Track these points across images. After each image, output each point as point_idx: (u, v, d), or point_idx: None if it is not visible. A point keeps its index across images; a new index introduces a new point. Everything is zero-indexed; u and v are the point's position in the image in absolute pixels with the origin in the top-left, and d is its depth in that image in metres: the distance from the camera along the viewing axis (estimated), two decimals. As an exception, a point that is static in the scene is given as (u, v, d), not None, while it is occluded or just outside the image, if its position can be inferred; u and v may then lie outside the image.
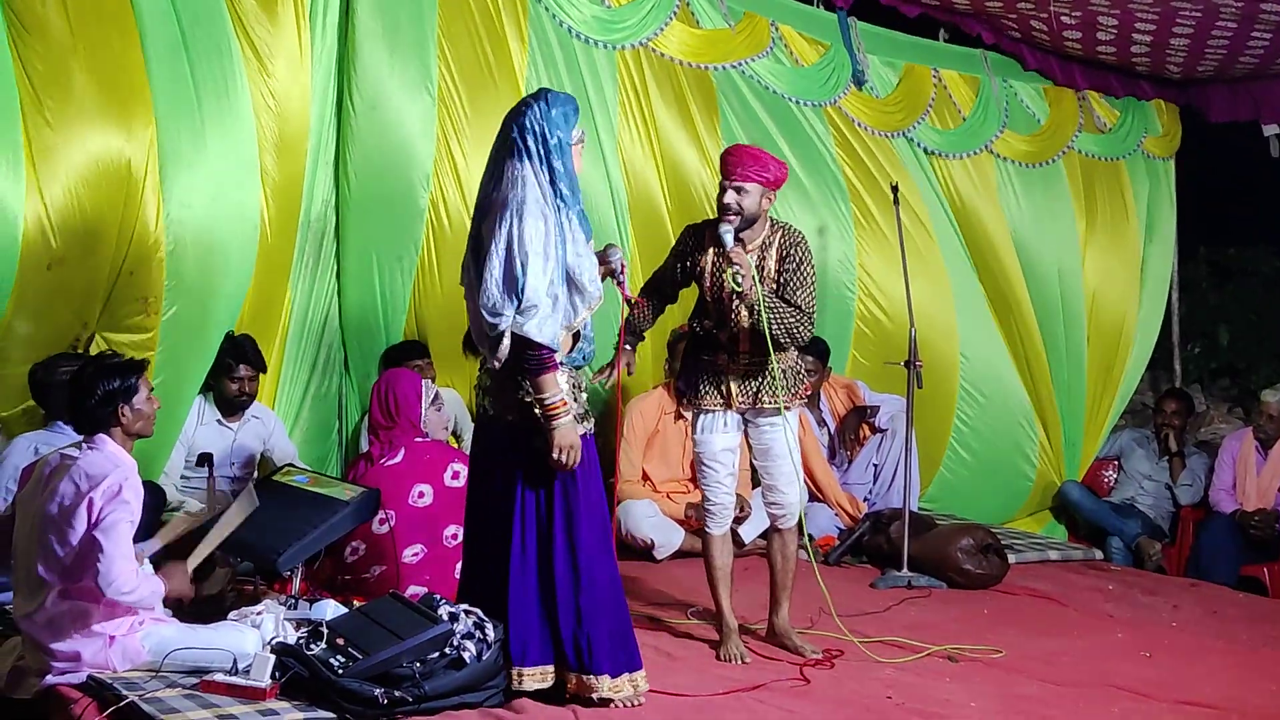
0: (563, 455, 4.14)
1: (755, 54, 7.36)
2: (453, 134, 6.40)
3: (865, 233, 7.66)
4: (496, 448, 4.31)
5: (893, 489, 7.06)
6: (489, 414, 4.34)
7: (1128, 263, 8.74)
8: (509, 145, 4.21)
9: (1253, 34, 7.38)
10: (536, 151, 4.18)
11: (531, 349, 4.09)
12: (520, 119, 4.22)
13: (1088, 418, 8.60)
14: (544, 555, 4.22)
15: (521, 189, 4.12)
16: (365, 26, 6.20)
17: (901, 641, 5.19)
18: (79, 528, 4.06)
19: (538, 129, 4.19)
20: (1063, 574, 6.70)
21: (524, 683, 4.21)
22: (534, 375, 4.12)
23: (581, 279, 4.19)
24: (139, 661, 4.17)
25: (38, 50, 5.27)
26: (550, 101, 4.25)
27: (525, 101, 4.30)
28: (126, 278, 5.50)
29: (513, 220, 4.08)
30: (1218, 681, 4.93)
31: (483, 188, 4.28)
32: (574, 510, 4.23)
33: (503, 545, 4.23)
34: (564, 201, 4.19)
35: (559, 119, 4.23)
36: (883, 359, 7.38)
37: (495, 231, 4.09)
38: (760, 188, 4.89)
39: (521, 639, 4.21)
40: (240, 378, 5.95)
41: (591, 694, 4.19)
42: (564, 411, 4.13)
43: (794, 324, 4.88)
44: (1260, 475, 7.68)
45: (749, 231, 4.92)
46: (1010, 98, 8.32)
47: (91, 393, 4.22)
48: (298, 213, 6.17)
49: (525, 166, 4.16)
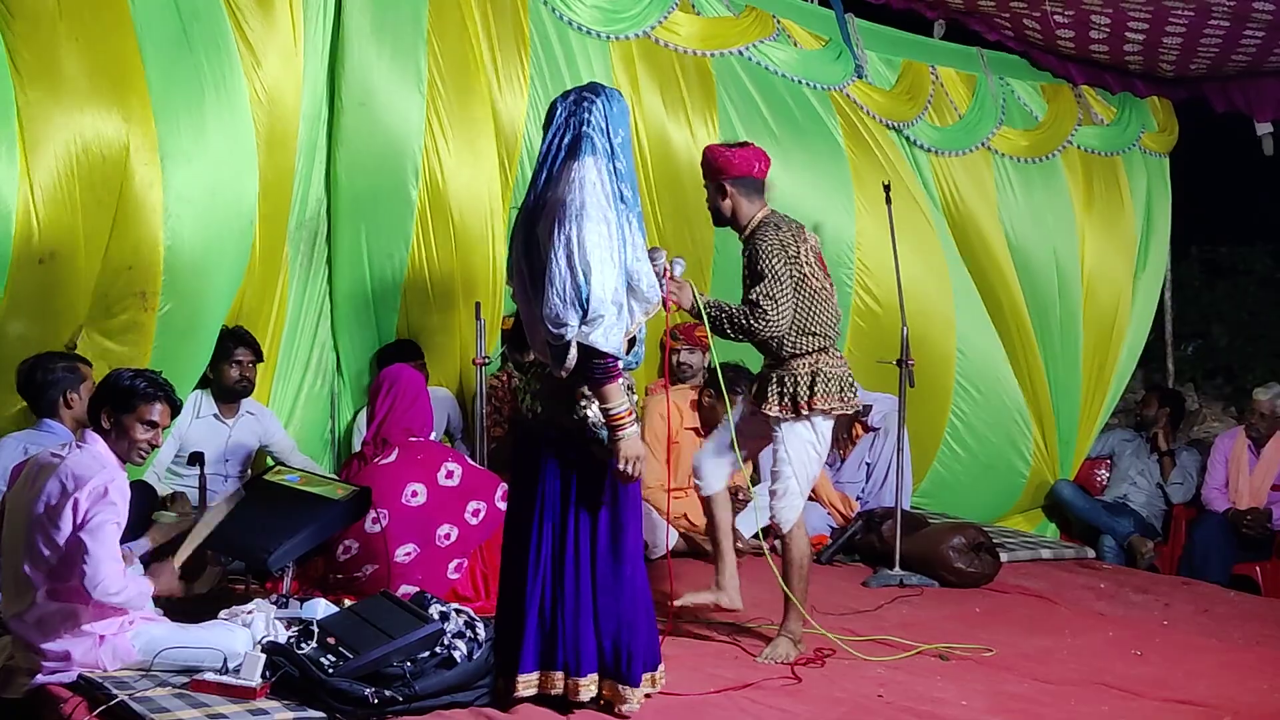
0: (629, 466, 4.04)
1: (763, 37, 7.37)
2: (442, 130, 6.39)
3: (867, 223, 7.56)
4: (545, 453, 4.16)
5: (885, 487, 7.06)
6: (538, 418, 4.19)
7: (1124, 259, 8.74)
8: (574, 143, 4.01)
9: (1245, 33, 7.38)
10: (604, 149, 4.01)
11: (597, 358, 3.95)
12: (584, 114, 4.02)
13: (1081, 415, 8.61)
14: (591, 564, 4.12)
15: (581, 191, 3.93)
16: (356, 22, 6.20)
17: (893, 640, 5.20)
18: (65, 528, 4.05)
19: (604, 125, 4.03)
20: (1055, 572, 6.71)
21: (581, 693, 4.11)
22: (600, 385, 3.99)
23: (640, 284, 4.04)
24: (129, 661, 4.17)
25: (25, 37, 5.21)
26: (610, 97, 4.08)
27: (582, 96, 4.08)
28: (125, 272, 5.46)
29: (573, 225, 3.90)
30: (1209, 680, 4.93)
31: (533, 187, 4.08)
32: (621, 518, 4.15)
33: (548, 552, 4.12)
34: (625, 204, 4.03)
35: (620, 116, 4.08)
36: (878, 355, 7.38)
37: (554, 237, 3.91)
38: (712, 184, 4.93)
39: (576, 648, 4.10)
40: (240, 361, 5.94)
41: (621, 704, 4.13)
42: (630, 421, 4.01)
43: (738, 319, 4.82)
44: (1253, 474, 7.69)
45: (738, 226, 4.96)
46: (1007, 95, 8.33)
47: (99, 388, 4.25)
48: (289, 209, 6.16)
49: (590, 166, 3.98)
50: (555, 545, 4.13)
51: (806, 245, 4.96)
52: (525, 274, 4.07)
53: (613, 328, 3.94)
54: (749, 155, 4.98)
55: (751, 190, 4.96)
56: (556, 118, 4.09)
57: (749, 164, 4.95)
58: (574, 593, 4.12)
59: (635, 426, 4.05)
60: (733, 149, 5.00)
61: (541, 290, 3.96)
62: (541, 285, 3.96)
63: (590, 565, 4.13)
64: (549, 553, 4.13)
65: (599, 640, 4.13)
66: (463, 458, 5.45)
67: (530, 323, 4.10)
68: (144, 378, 4.29)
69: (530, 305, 4.07)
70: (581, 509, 4.13)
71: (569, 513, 4.12)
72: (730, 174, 4.92)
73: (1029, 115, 8.40)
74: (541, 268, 3.98)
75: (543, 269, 3.97)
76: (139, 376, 4.28)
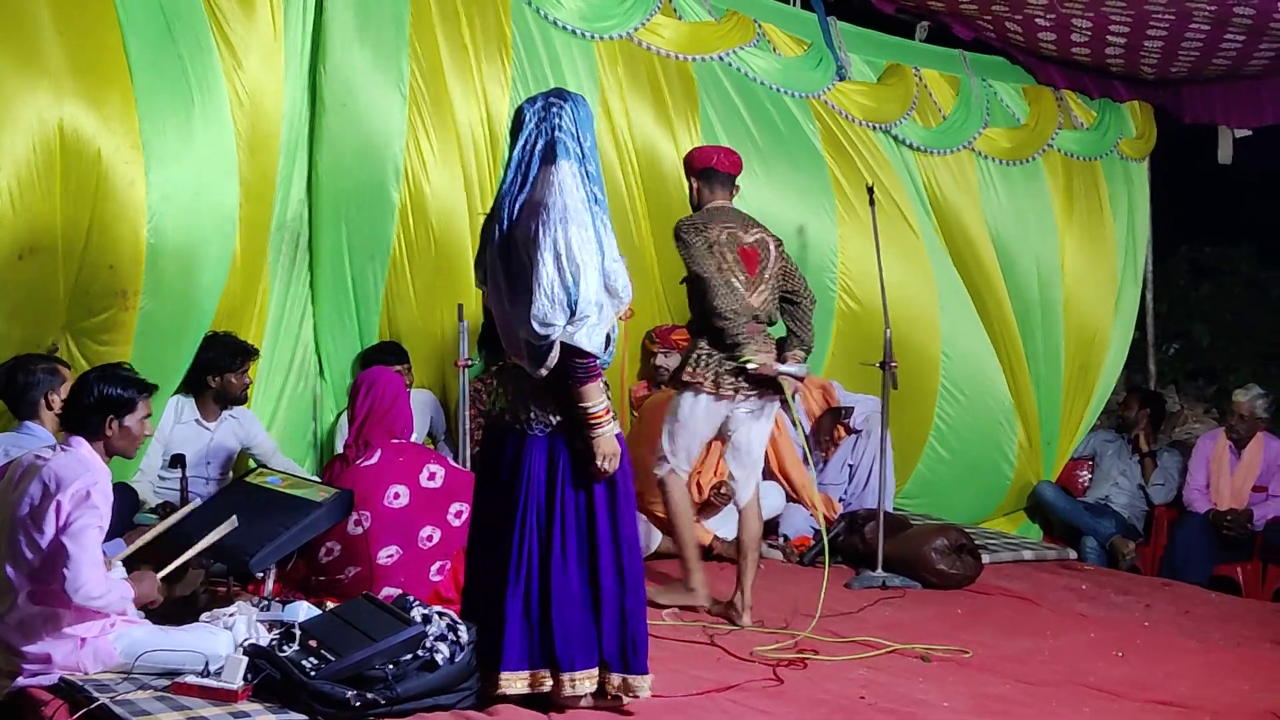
0: (606, 462, 4.08)
1: (743, 44, 7.38)
2: (424, 131, 6.39)
3: (849, 229, 7.61)
4: (517, 453, 4.16)
5: (868, 489, 7.08)
6: (507, 419, 4.21)
7: (1104, 263, 8.80)
8: (548, 147, 4.07)
9: (1225, 37, 7.42)
10: (575, 154, 4.07)
11: (580, 358, 4.00)
12: (554, 119, 4.08)
13: (1063, 417, 8.64)
14: (590, 557, 4.13)
15: (562, 194, 4.00)
16: (338, 22, 6.18)
17: (874, 641, 5.21)
18: (48, 531, 4.03)
19: (574, 130, 4.09)
20: (1036, 574, 6.74)
21: (576, 687, 4.12)
22: (581, 384, 4.03)
23: (616, 284, 4.09)
24: (110, 663, 4.15)
25: (8, 28, 5.17)
26: (576, 102, 4.15)
27: (549, 101, 4.15)
28: (105, 271, 5.43)
29: (558, 228, 3.95)
30: (1190, 681, 4.95)
31: (506, 191, 4.10)
32: (618, 510, 4.18)
33: (533, 551, 4.12)
34: (598, 205, 4.09)
35: (586, 120, 4.15)
36: (862, 358, 7.39)
37: (540, 239, 3.95)
38: (688, 177, 5.66)
39: (568, 644, 4.11)
40: (244, 372, 5.95)
41: (635, 694, 4.16)
42: (607, 420, 4.07)
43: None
44: (1233, 475, 7.73)
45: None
46: (990, 97, 8.36)
47: (89, 393, 4.20)
48: (271, 210, 6.14)
49: (566, 170, 4.04)
50: (540, 541, 4.13)
51: (728, 237, 5.46)
52: (501, 276, 4.11)
53: (595, 328, 4.00)
54: (710, 151, 5.76)
55: (713, 182, 5.59)
56: (526, 123, 4.14)
57: (708, 157, 5.64)
58: (563, 588, 4.11)
59: (613, 424, 4.10)
60: (705, 147, 5.66)
61: (521, 292, 4.00)
62: (520, 287, 4.01)
63: (591, 557, 4.13)
64: (532, 549, 4.13)
65: (600, 633, 4.13)
66: (445, 459, 5.44)
67: (506, 324, 4.13)
68: (127, 380, 4.28)
69: (505, 307, 4.11)
70: (570, 505, 4.13)
71: (555, 507, 4.12)
72: (694, 166, 5.62)
73: (1011, 117, 8.45)
74: (520, 270, 4.02)
75: (521, 271, 4.01)
76: (123, 381, 4.26)
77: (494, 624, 4.14)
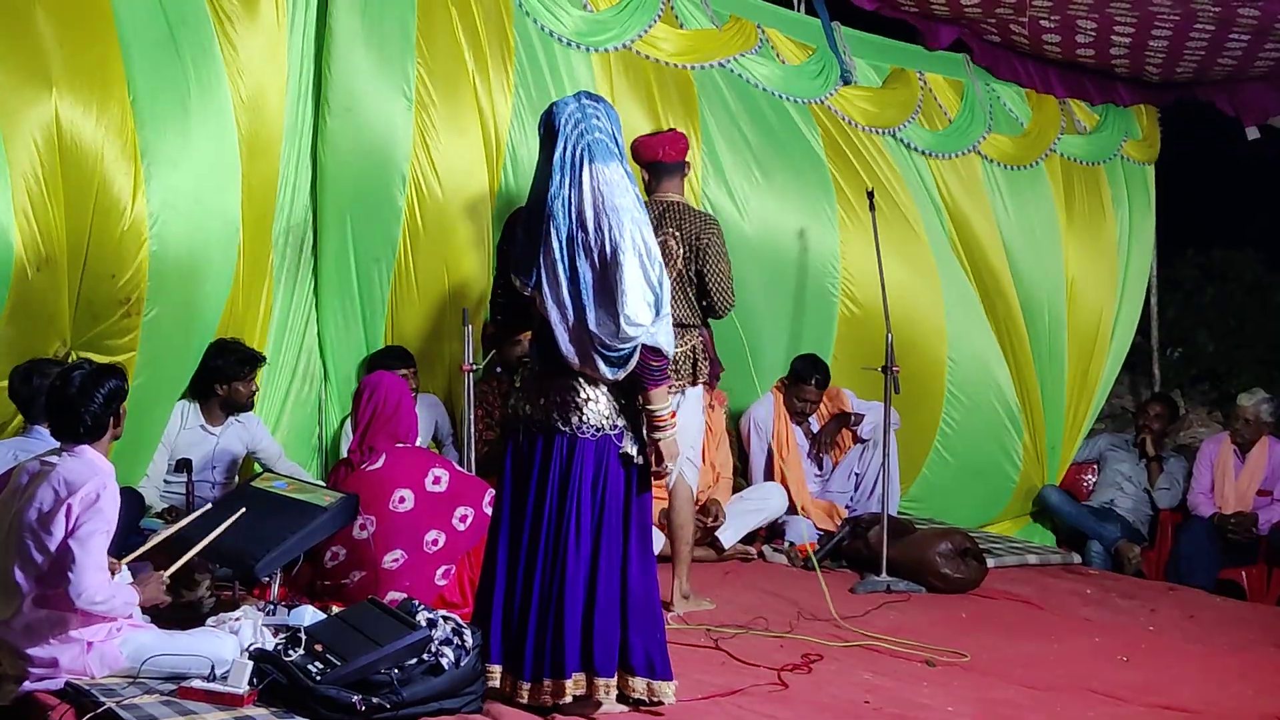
0: (669, 464, 4.07)
1: (745, 50, 7.38)
2: (429, 136, 6.39)
3: (850, 234, 7.60)
4: (563, 454, 4.08)
5: (873, 497, 7.07)
6: (539, 419, 4.13)
7: (1106, 267, 8.78)
8: (593, 147, 4.00)
9: (1230, 37, 7.42)
10: (618, 154, 4.04)
11: (657, 359, 3.97)
12: (592, 120, 4.04)
13: (1066, 421, 8.63)
14: (621, 563, 4.10)
15: (626, 195, 3.97)
16: (344, 27, 6.18)
17: (879, 645, 5.21)
18: (57, 534, 4.04)
19: (611, 130, 4.06)
20: (1041, 578, 6.73)
21: (607, 693, 4.09)
22: (656, 384, 3.99)
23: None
24: (117, 667, 4.16)
25: (6, 34, 5.15)
26: (607, 105, 4.13)
27: (585, 103, 4.10)
28: (108, 280, 5.41)
29: (636, 228, 3.93)
30: (1195, 685, 4.95)
31: (558, 195, 4.00)
32: (644, 517, 4.18)
33: (562, 555, 4.06)
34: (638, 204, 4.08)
35: (618, 123, 4.12)
36: (864, 362, 7.38)
37: (620, 240, 3.91)
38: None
39: (607, 648, 4.07)
40: (250, 381, 5.96)
41: (660, 700, 4.14)
42: (671, 422, 4.04)
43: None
44: (1238, 479, 7.73)
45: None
46: (994, 101, 8.36)
47: (92, 398, 4.18)
48: (273, 215, 6.14)
49: (618, 170, 4.01)
50: (591, 545, 4.07)
51: (664, 230, 5.35)
52: (565, 281, 4.01)
53: (669, 329, 4.00)
54: (655, 143, 5.57)
55: (660, 174, 5.50)
56: (564, 125, 4.06)
57: (654, 150, 5.53)
58: (606, 594, 4.06)
59: (675, 427, 4.07)
60: (651, 135, 5.46)
61: (601, 294, 3.95)
62: (602, 288, 3.95)
63: (621, 566, 4.09)
64: (583, 553, 4.07)
65: (625, 639, 4.10)
66: (450, 464, 5.45)
67: (573, 327, 4.02)
68: (105, 373, 4.27)
69: (573, 310, 4.01)
70: (616, 508, 4.08)
71: (602, 512, 4.06)
72: (640, 159, 5.48)
73: (1014, 121, 8.45)
74: (593, 273, 3.97)
75: (594, 275, 3.96)
76: (104, 375, 4.25)
77: (555, 626, 4.07)
